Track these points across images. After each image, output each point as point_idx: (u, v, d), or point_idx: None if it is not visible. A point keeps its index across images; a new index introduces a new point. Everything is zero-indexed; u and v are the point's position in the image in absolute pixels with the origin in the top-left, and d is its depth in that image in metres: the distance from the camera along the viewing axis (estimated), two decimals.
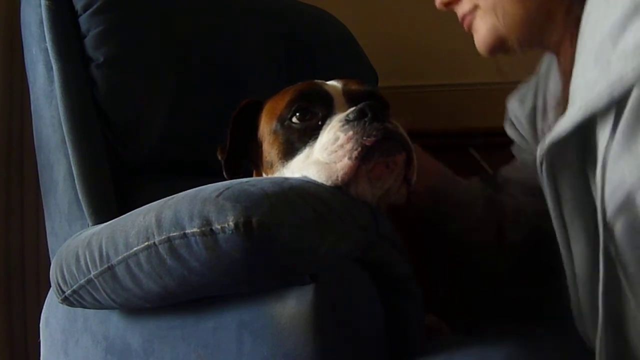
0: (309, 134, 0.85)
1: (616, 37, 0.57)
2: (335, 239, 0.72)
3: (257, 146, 0.93)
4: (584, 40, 0.64)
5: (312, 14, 1.54)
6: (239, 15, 1.36)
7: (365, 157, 0.78)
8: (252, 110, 0.96)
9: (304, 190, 0.73)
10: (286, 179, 0.78)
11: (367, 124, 0.79)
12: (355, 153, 0.78)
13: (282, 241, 0.67)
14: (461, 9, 0.90)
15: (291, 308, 0.72)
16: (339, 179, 0.78)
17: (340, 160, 0.78)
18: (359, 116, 0.80)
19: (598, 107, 0.57)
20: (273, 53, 1.38)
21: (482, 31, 0.87)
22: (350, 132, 0.79)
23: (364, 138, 0.78)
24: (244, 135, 0.96)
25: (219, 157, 0.96)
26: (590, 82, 0.60)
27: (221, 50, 1.29)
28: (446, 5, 0.92)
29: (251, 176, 0.97)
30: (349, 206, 0.76)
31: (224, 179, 0.80)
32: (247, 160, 0.98)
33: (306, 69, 1.43)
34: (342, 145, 0.79)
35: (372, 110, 0.79)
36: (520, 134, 1.04)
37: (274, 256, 0.69)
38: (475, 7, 0.88)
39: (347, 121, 0.80)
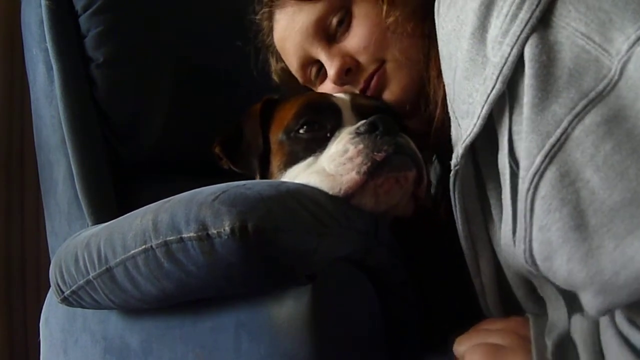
0: (315, 146, 0.83)
1: (481, 36, 0.63)
2: (333, 242, 0.72)
3: (267, 149, 0.91)
4: (454, 59, 0.68)
5: None
6: (239, 15, 1.36)
7: (375, 172, 0.76)
8: (268, 107, 0.94)
9: (300, 193, 0.73)
10: (283, 182, 0.77)
11: (378, 137, 0.76)
12: (364, 168, 0.75)
13: (278, 245, 0.67)
14: (366, 71, 0.90)
15: (288, 308, 0.72)
16: (342, 191, 0.76)
17: (348, 174, 0.76)
18: (370, 129, 0.77)
19: (498, 91, 0.61)
20: None
21: (396, 84, 0.89)
22: (361, 146, 0.76)
23: (375, 152, 0.75)
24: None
25: (216, 151, 0.94)
26: (477, 82, 0.64)
27: (221, 50, 1.29)
28: (346, 73, 0.91)
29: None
30: (347, 210, 0.76)
31: (224, 179, 0.79)
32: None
33: None
34: (351, 159, 0.76)
35: (383, 123, 0.77)
36: None
37: (270, 260, 0.69)
38: (382, 64, 0.89)
39: (358, 134, 0.78)
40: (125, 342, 0.92)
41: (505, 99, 0.61)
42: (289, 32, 0.95)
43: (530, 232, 0.58)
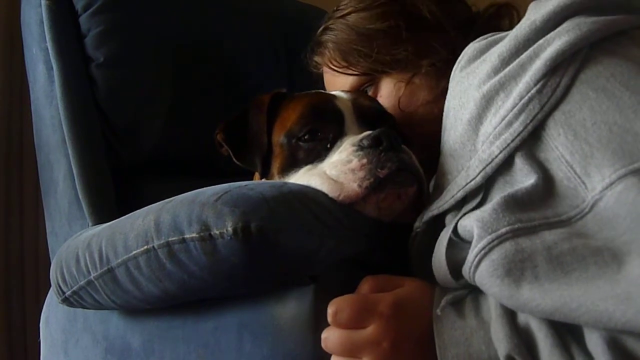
0: (316, 154, 0.83)
1: (475, 126, 0.71)
2: (335, 244, 0.72)
3: (270, 148, 0.90)
4: (447, 133, 0.77)
5: (312, 14, 1.54)
6: (239, 16, 1.36)
7: (378, 188, 0.76)
8: (275, 102, 0.93)
9: (303, 194, 0.73)
10: (285, 183, 0.77)
11: (382, 153, 0.76)
12: (366, 183, 0.75)
13: (280, 246, 0.67)
14: None
15: (291, 309, 0.72)
16: (341, 197, 0.76)
17: (349, 184, 0.76)
18: (374, 144, 0.77)
19: (476, 183, 0.70)
20: (273, 53, 1.38)
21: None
22: (365, 160, 0.76)
23: (378, 169, 0.75)
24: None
25: (218, 139, 0.92)
26: (460, 164, 0.72)
27: (221, 51, 1.29)
28: None
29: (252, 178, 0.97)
30: (349, 212, 0.76)
31: (226, 179, 0.79)
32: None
33: (307, 69, 1.42)
34: (353, 170, 0.76)
35: (387, 138, 0.77)
36: None
37: (273, 261, 0.69)
38: None
39: (361, 147, 0.78)
40: (126, 342, 0.92)
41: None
42: (330, 87, 1.07)
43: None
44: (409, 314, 0.67)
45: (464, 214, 0.69)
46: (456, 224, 0.68)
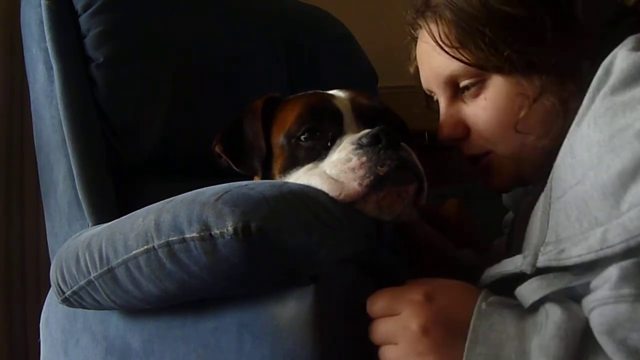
0: (316, 153, 0.83)
1: (626, 183, 0.58)
2: (335, 243, 0.72)
3: (269, 151, 0.90)
4: (581, 166, 0.64)
5: (312, 14, 1.55)
6: (239, 15, 1.36)
7: (377, 186, 0.76)
8: (269, 106, 0.93)
9: (303, 194, 0.73)
10: (285, 183, 0.77)
11: (381, 151, 0.76)
12: (367, 181, 0.75)
13: (280, 246, 0.67)
14: (469, 150, 0.89)
15: (291, 309, 0.72)
16: (342, 196, 0.76)
17: (349, 182, 0.76)
18: (373, 142, 0.77)
19: (614, 252, 0.58)
20: (273, 53, 1.38)
21: (503, 176, 0.87)
22: (364, 158, 0.76)
23: (378, 167, 0.75)
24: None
25: (217, 150, 0.93)
26: (594, 217, 0.61)
27: (221, 51, 1.29)
28: (450, 142, 0.90)
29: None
30: (350, 211, 0.76)
31: (225, 179, 0.79)
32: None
33: (306, 69, 1.43)
34: (353, 169, 0.76)
35: (386, 136, 0.77)
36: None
37: (273, 261, 0.69)
38: (488, 153, 0.87)
39: (361, 145, 0.78)
40: (126, 342, 0.92)
41: None
42: (424, 59, 0.92)
43: None
44: (446, 300, 0.68)
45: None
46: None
